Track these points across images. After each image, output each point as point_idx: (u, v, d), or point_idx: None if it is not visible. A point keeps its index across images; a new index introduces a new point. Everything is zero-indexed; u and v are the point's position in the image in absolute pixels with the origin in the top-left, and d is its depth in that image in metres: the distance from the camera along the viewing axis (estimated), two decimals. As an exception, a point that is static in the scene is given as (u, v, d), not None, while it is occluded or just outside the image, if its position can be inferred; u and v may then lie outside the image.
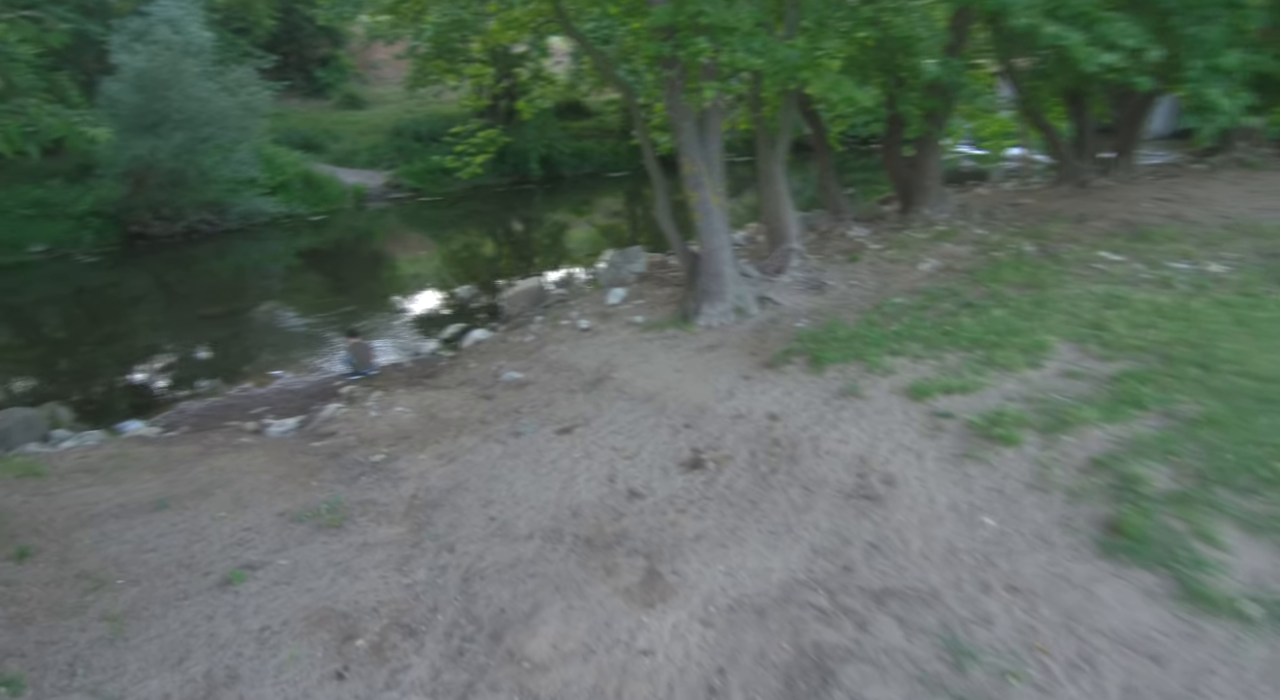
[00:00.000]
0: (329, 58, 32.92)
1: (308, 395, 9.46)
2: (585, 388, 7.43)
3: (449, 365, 9.68)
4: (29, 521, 5.13)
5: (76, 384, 11.00)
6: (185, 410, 9.24)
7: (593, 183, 28.06)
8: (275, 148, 22.20)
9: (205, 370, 11.36)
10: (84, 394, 10.49)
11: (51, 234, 17.40)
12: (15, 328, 14.11)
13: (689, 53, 7.62)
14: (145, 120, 17.56)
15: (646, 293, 10.32)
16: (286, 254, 19.58)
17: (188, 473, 6.09)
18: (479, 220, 23.77)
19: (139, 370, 11.49)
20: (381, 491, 5.70)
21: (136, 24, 17.85)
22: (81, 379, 11.15)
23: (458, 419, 7.17)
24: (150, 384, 10.90)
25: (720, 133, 9.15)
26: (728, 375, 7.10)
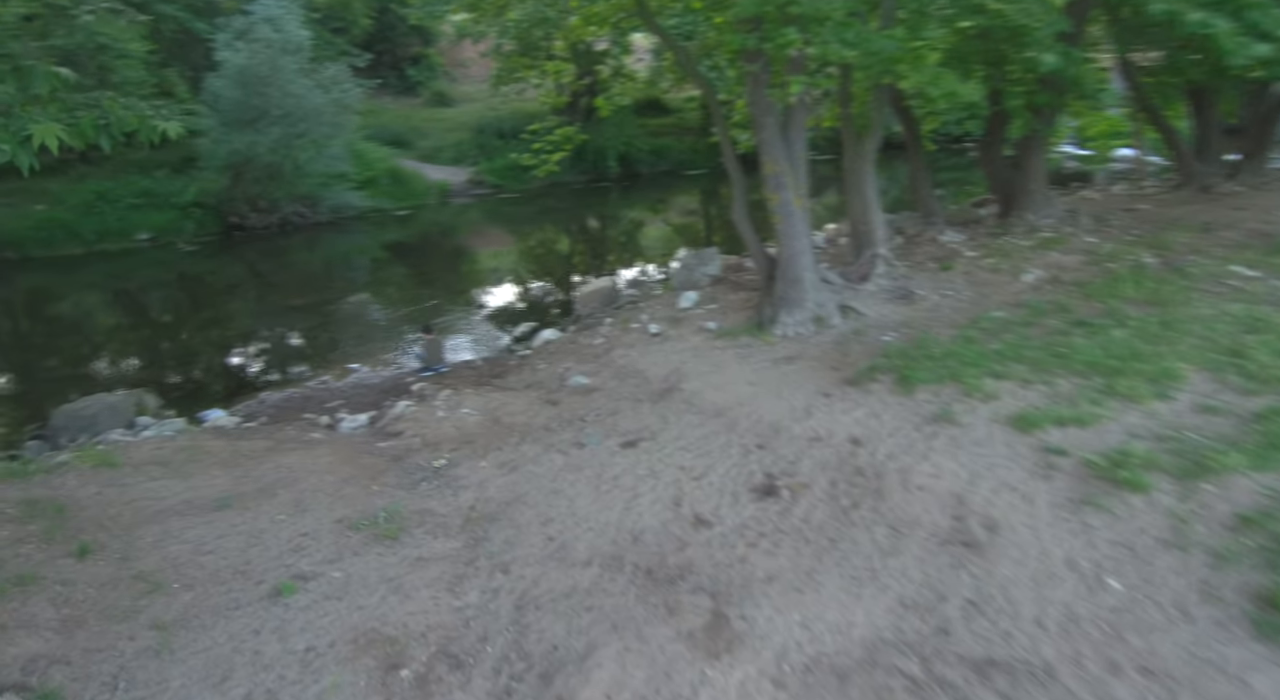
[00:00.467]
0: (420, 56, 33.58)
1: (381, 390, 9.40)
2: (653, 398, 7.03)
3: (518, 365, 9.46)
4: (98, 515, 5.11)
5: (170, 368, 11.35)
6: (265, 401, 9.33)
7: (669, 181, 27.62)
8: (365, 144, 22.67)
9: (287, 360, 11.53)
10: (175, 379, 10.81)
11: (157, 223, 18.21)
12: (120, 312, 14.79)
13: (776, 45, 7.09)
14: (245, 115, 18.16)
15: (720, 297, 9.83)
16: (373, 247, 19.96)
17: (255, 470, 6.01)
18: (556, 217, 23.72)
19: (227, 357, 11.79)
20: (440, 500, 5.46)
21: (239, 22, 18.45)
22: (175, 364, 11.51)
23: (522, 424, 6.89)
24: (236, 372, 11.14)
25: (805, 130, 8.58)
26: (806, 391, 6.56)
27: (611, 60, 26.07)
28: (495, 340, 11.59)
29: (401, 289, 16.10)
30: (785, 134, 8.22)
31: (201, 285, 16.58)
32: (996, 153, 11.24)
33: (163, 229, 18.28)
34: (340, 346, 11.98)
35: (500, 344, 11.35)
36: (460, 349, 11.21)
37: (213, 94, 18.19)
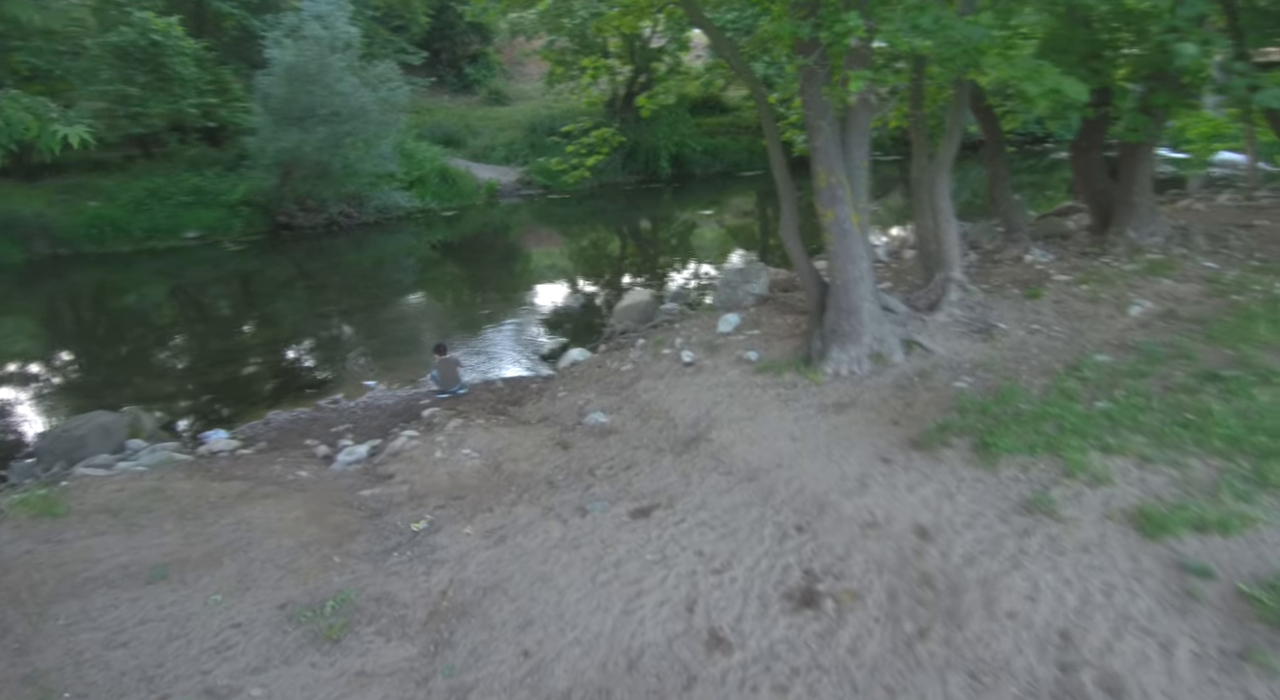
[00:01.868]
0: (478, 54, 33.04)
1: (392, 413, 8.55)
2: (676, 448, 5.91)
3: (538, 390, 8.46)
4: (17, 583, 4.31)
5: (190, 377, 10.77)
6: (270, 422, 8.58)
7: (723, 182, 26.31)
8: (416, 143, 22.12)
9: (307, 373, 10.82)
10: (192, 389, 10.21)
11: (206, 221, 17.96)
12: (157, 314, 14.43)
13: (834, 33, 5.87)
14: (293, 113, 17.71)
15: (765, 321, 8.61)
16: (418, 248, 19.34)
17: (212, 525, 5.15)
18: (604, 219, 22.70)
19: (250, 367, 11.15)
20: (407, 580, 4.47)
21: (290, 19, 18.00)
22: (196, 372, 10.92)
23: (524, 474, 5.87)
24: (253, 384, 10.45)
25: (868, 135, 7.29)
26: (860, 453, 5.33)
27: (668, 57, 24.91)
28: (522, 357, 10.63)
29: (440, 295, 15.36)
30: (844, 139, 6.96)
31: (242, 286, 16.18)
32: (1092, 158, 9.65)
33: (211, 227, 18.03)
34: (364, 359, 11.23)
35: (527, 362, 10.39)
36: (486, 365, 10.30)
37: (263, 92, 17.80)
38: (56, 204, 17.01)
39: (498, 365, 10.32)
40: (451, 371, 8.88)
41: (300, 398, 9.42)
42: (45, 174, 18.56)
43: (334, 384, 9.89)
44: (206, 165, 19.09)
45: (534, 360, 10.47)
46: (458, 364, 9.07)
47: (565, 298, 14.12)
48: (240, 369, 10.93)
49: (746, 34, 24.58)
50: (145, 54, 17.06)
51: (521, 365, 10.28)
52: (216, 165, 19.13)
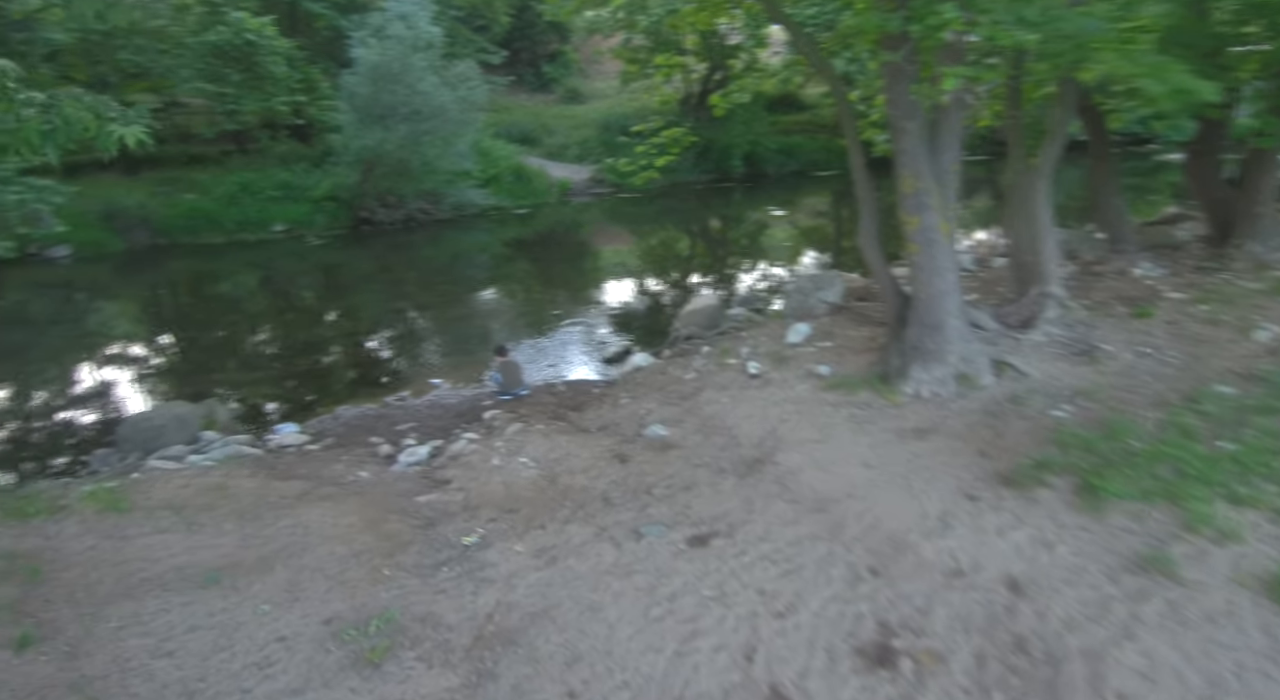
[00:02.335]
0: (556, 53, 33.16)
1: (456, 413, 8.46)
2: (739, 469, 5.54)
3: (600, 396, 8.21)
4: (75, 582, 4.33)
5: (270, 367, 11.04)
6: (339, 417, 8.62)
7: (798, 182, 25.52)
8: (493, 141, 22.27)
9: (379, 368, 10.89)
10: (270, 379, 10.43)
11: (292, 215, 18.52)
12: (243, 304, 14.91)
13: (927, 26, 5.35)
14: (376, 111, 18.05)
15: (838, 332, 8.10)
16: (492, 244, 19.49)
17: (269, 527, 5.10)
18: (674, 218, 22.35)
19: (327, 359, 11.33)
20: (454, 600, 4.27)
21: (375, 19, 18.34)
22: (277, 363, 11.19)
23: (579, 489, 5.61)
24: (328, 376, 10.59)
25: (960, 136, 6.71)
26: (942, 487, 4.84)
27: (744, 54, 24.32)
28: (586, 359, 10.41)
29: (509, 293, 15.35)
30: (933, 142, 6.40)
31: (323, 279, 16.61)
32: (1210, 163, 8.70)
33: (297, 221, 18.57)
34: (431, 356, 11.27)
35: (590, 364, 10.17)
36: (549, 366, 10.14)
37: (348, 90, 18.20)
38: (156, 196, 17.85)
39: (561, 366, 10.14)
40: (514, 373, 8.74)
41: (369, 393, 9.46)
42: (146, 167, 19.51)
43: (402, 380, 9.92)
44: (295, 161, 19.69)
45: (597, 363, 10.25)
46: (520, 366, 8.91)
47: (631, 298, 13.86)
48: (317, 361, 11.12)
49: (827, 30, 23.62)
50: (240, 53, 17.68)
51: (584, 368, 10.07)
52: (304, 161, 19.71)
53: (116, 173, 19.13)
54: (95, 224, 16.46)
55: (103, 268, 16.29)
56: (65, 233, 15.00)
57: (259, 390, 10.10)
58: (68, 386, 10.41)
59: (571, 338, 11.45)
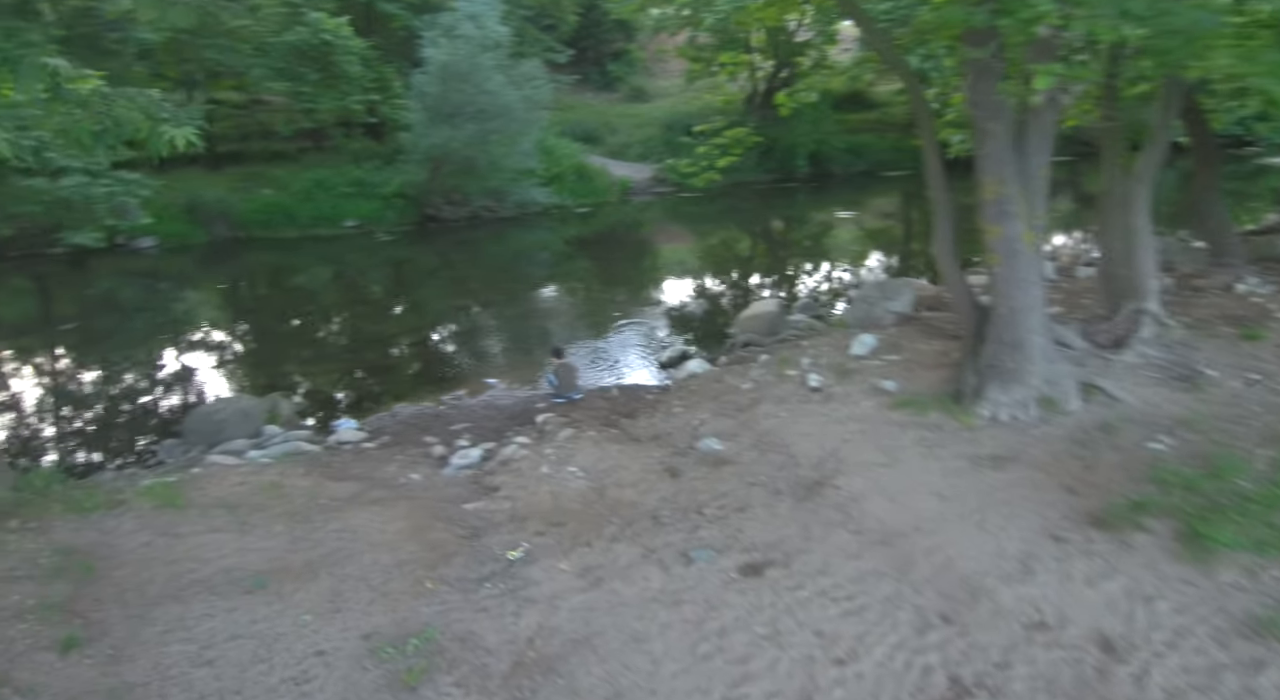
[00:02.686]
0: (621, 51, 33.02)
1: (510, 415, 8.36)
2: (796, 491, 5.19)
3: (653, 403, 7.96)
4: (125, 581, 4.33)
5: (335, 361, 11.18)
6: (397, 414, 8.63)
7: (865, 182, 24.68)
8: (557, 140, 22.26)
9: (436, 365, 10.90)
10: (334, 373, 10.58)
11: (363, 211, 18.90)
12: (314, 296, 15.26)
13: (1018, 20, 4.88)
14: (444, 110, 18.24)
15: (907, 345, 7.63)
16: (553, 242, 19.51)
17: (318, 530, 5.04)
18: (736, 218, 21.89)
19: (389, 354, 11.40)
20: (495, 620, 4.09)
21: (446, 19, 18.50)
22: (341, 357, 11.34)
23: (628, 504, 5.37)
24: (388, 372, 10.65)
25: (1050, 140, 6.17)
26: (1023, 525, 4.40)
27: (813, 51, 23.63)
28: (640, 363, 10.18)
29: (566, 292, 15.27)
30: (1020, 146, 5.90)
31: (391, 274, 16.88)
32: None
33: (367, 217, 18.95)
34: (489, 355, 11.23)
35: (644, 369, 9.93)
36: (603, 369, 9.96)
37: (418, 89, 18.44)
38: (236, 190, 18.48)
39: (615, 370, 9.94)
40: (568, 376, 8.57)
41: (427, 391, 9.45)
42: (228, 162, 20.29)
43: (459, 379, 9.89)
44: (367, 159, 20.10)
45: (652, 367, 10.01)
46: (575, 369, 8.75)
47: (689, 300, 13.54)
48: (380, 356, 11.19)
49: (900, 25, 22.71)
50: (317, 53, 18.11)
51: (639, 371, 9.84)
52: (376, 159, 20.10)
53: (202, 167, 19.93)
54: (179, 217, 17.14)
55: (186, 259, 16.96)
56: (151, 225, 15.67)
57: (323, 383, 10.26)
58: (147, 373, 10.79)
59: (627, 339, 11.25)
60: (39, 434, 8.74)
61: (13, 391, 10.09)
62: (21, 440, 8.48)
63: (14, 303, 14.81)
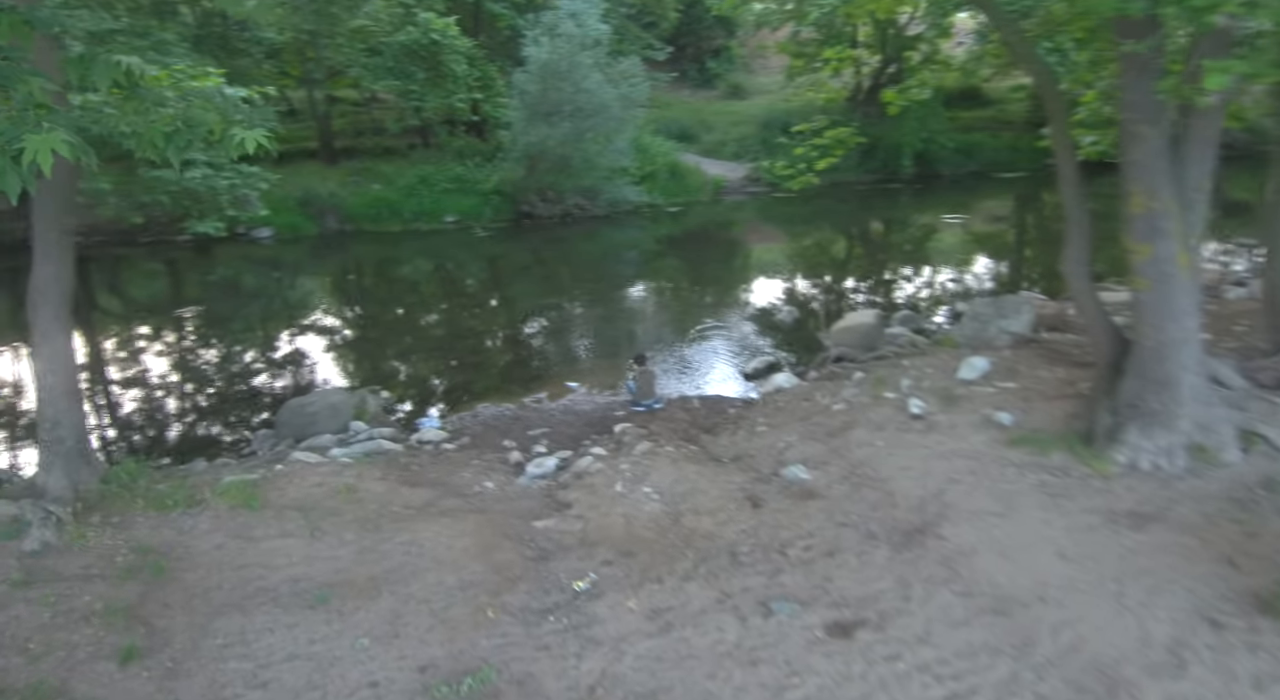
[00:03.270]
0: (721, 48, 32.31)
1: (588, 421, 8.09)
2: (893, 537, 4.60)
3: (736, 418, 7.48)
4: (194, 586, 4.29)
5: (424, 355, 11.27)
6: (479, 415, 8.52)
7: (975, 184, 22.99)
8: (651, 138, 21.91)
9: (520, 364, 10.73)
10: (424, 368, 10.65)
11: (462, 207, 19.19)
12: (414, 288, 15.57)
13: (1189, 7, 4.10)
14: (543, 109, 18.25)
15: (1024, 372, 6.78)
16: (644, 241, 19.21)
17: (386, 541, 4.88)
18: (832, 220, 20.85)
19: (476, 351, 11.37)
20: (554, 661, 3.76)
21: (549, 18, 18.47)
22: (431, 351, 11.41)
23: (705, 535, 4.93)
24: (476, 369, 10.59)
25: (1215, 148, 5.24)
26: (1171, 602, 3.66)
27: (924, 44, 22.21)
28: (724, 373, 9.67)
29: (653, 294, 14.91)
30: (1179, 154, 5.02)
31: (486, 269, 17.06)
32: None
33: (466, 213, 19.21)
34: (571, 356, 10.98)
35: (728, 379, 9.42)
36: (685, 377, 9.52)
37: (519, 88, 18.52)
38: (347, 185, 19.16)
39: (698, 379, 9.48)
40: (649, 384, 8.20)
41: (510, 391, 9.30)
42: (343, 157, 21.10)
43: (541, 380, 9.68)
44: (469, 156, 20.40)
45: (737, 377, 9.48)
46: (656, 377, 8.36)
47: (778, 306, 12.81)
48: (468, 352, 11.16)
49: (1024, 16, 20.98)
50: (427, 52, 18.47)
51: (722, 382, 9.33)
52: (477, 156, 20.38)
53: (320, 161, 20.84)
54: (293, 209, 17.91)
55: (298, 249, 17.73)
56: (268, 216, 16.43)
57: (413, 376, 10.34)
58: (254, 358, 11.22)
59: (713, 345, 10.75)
60: (149, 415, 9.17)
61: (133, 372, 10.71)
62: (130, 420, 8.92)
63: (146, 285, 15.91)
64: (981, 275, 14.65)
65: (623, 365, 9.88)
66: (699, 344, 10.83)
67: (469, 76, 19.56)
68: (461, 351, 11.18)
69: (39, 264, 4.57)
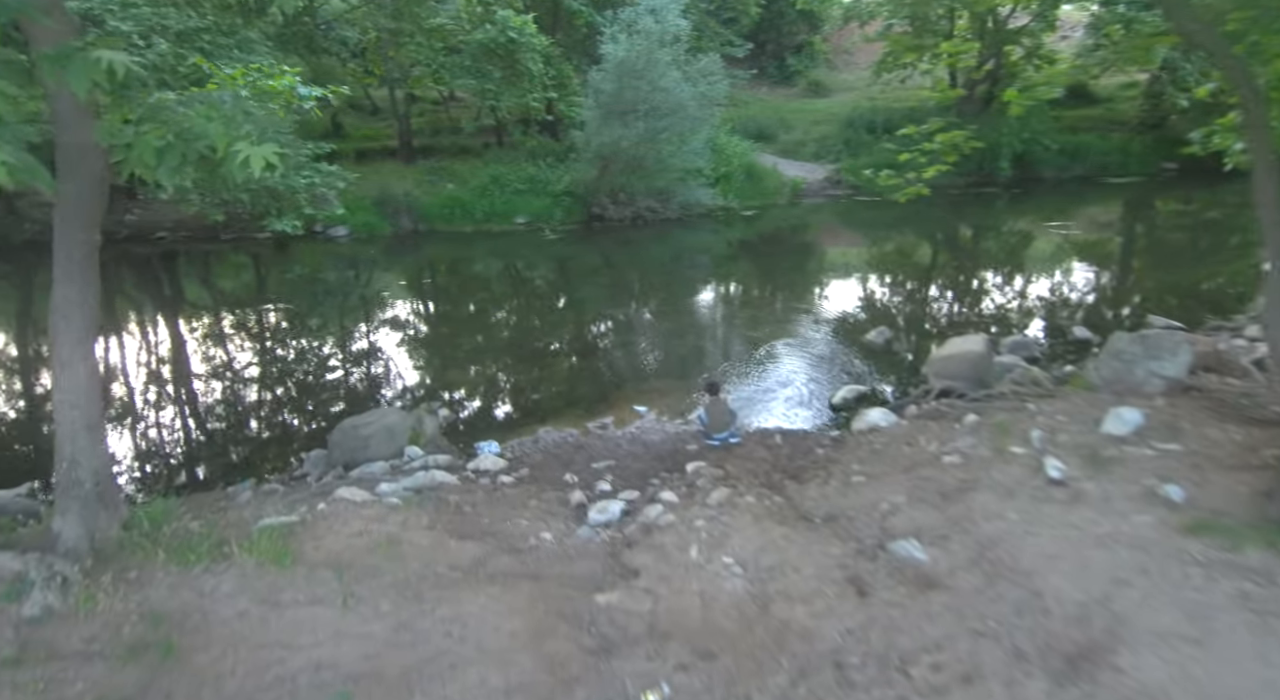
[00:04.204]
0: (803, 44, 30.80)
1: (656, 455, 7.23)
2: (1051, 663, 3.53)
3: (825, 461, 6.48)
4: (206, 666, 3.63)
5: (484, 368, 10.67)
6: (539, 441, 7.80)
7: (1080, 189, 20.91)
8: (727, 137, 20.85)
9: (585, 382, 9.79)
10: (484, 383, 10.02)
11: (533, 208, 18.66)
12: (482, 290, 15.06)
13: None
14: (618, 108, 17.48)
15: (1189, 428, 5.50)
16: (717, 245, 18.23)
17: (425, 617, 4.14)
18: (920, 226, 19.28)
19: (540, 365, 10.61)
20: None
21: (628, 14, 17.64)
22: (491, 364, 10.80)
23: (800, 632, 3.98)
24: (538, 386, 9.87)
25: None
26: None
27: (1027, 39, 20.29)
28: (807, 401, 8.61)
29: (730, 304, 13.94)
30: None
31: (554, 272, 16.41)
32: None
33: (537, 214, 18.69)
34: (640, 376, 10.06)
35: (812, 409, 8.36)
36: (763, 405, 8.53)
37: (594, 87, 17.80)
38: (422, 184, 18.92)
39: (777, 408, 8.46)
40: (722, 416, 7.26)
41: (574, 414, 8.53)
42: (420, 155, 20.92)
43: (607, 403, 8.84)
44: (542, 156, 19.87)
45: (821, 408, 8.41)
46: (730, 409, 7.41)
47: (864, 324, 11.52)
48: (532, 366, 10.39)
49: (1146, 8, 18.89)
50: (504, 50, 17.95)
51: (805, 414, 8.29)
52: (550, 156, 19.82)
53: (399, 160, 20.73)
54: (369, 208, 17.75)
55: (373, 248, 17.55)
56: (344, 215, 16.26)
57: (475, 392, 9.69)
58: (319, 363, 10.86)
59: (792, 367, 9.68)
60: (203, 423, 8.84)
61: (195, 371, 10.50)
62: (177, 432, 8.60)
63: (228, 278, 16.04)
64: (1095, 294, 13.00)
65: (693, 388, 8.97)
66: (777, 364, 9.80)
67: (545, 75, 18.95)
68: (526, 364, 10.47)
69: (60, 285, 4.01)
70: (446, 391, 9.52)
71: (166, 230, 17.04)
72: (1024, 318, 11.53)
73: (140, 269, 16.23)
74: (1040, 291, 13.32)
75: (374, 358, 11.06)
